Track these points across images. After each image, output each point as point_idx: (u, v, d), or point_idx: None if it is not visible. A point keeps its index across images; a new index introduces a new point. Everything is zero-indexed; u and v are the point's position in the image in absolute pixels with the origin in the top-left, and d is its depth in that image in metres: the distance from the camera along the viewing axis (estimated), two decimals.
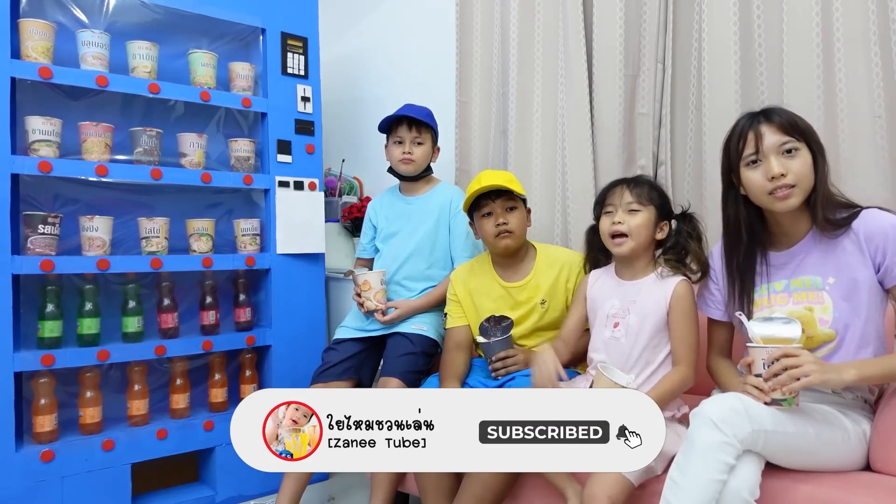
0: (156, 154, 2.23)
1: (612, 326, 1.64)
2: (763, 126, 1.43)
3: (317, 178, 2.53)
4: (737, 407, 1.28)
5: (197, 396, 2.37)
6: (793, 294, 1.49)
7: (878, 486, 1.32)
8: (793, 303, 1.48)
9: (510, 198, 1.94)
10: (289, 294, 2.47)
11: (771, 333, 1.36)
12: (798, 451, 1.34)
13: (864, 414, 1.45)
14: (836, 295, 1.44)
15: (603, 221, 1.68)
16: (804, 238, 1.49)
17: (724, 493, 1.25)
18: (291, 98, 2.47)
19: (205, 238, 2.34)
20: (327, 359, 2.19)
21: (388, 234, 2.31)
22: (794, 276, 1.49)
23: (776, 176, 1.40)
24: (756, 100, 2.02)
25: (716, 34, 2.06)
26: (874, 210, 1.44)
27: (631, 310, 1.63)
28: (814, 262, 1.47)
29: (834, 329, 1.43)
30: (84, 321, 2.10)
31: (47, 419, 2.03)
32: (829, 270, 1.45)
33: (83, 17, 2.18)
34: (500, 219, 1.92)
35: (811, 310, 1.45)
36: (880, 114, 1.80)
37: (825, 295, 1.45)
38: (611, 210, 1.66)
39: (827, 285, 1.45)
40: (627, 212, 1.63)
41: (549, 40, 2.42)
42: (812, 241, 1.48)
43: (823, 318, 1.44)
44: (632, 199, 1.63)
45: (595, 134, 2.30)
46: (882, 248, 1.39)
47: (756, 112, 1.48)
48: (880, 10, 1.81)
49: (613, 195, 1.67)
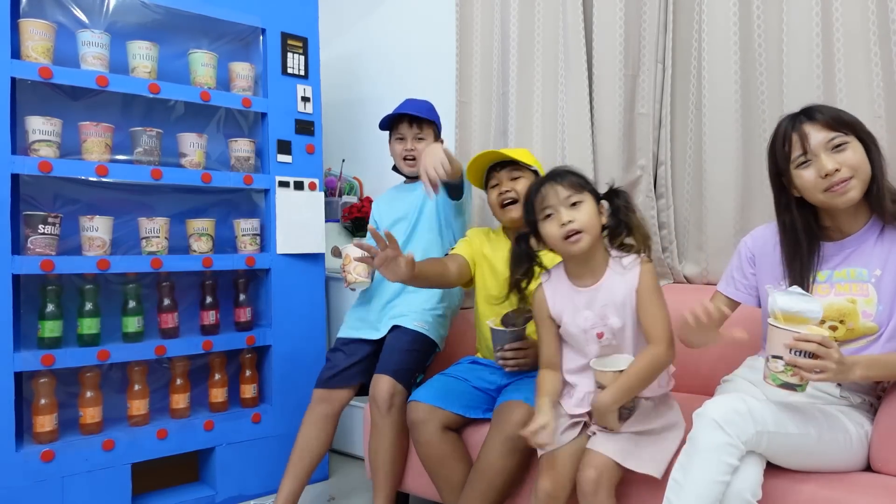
0: (156, 154, 2.23)
1: (598, 338, 1.55)
2: (806, 125, 1.40)
3: (317, 178, 2.53)
4: (740, 408, 1.28)
5: (197, 396, 2.38)
6: (835, 285, 1.45)
7: (878, 486, 1.32)
8: (834, 294, 1.44)
9: (516, 167, 1.92)
10: (289, 294, 2.47)
11: (796, 310, 1.30)
12: (800, 452, 1.34)
13: (867, 416, 1.44)
14: (881, 287, 1.41)
15: (548, 227, 1.52)
16: (859, 231, 1.45)
17: (727, 495, 1.25)
18: (291, 98, 2.47)
19: (205, 238, 2.34)
20: (335, 361, 2.16)
21: (393, 220, 2.29)
22: (838, 267, 1.46)
23: (830, 172, 1.37)
24: (756, 100, 2.02)
25: (716, 34, 2.06)
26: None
27: (607, 313, 1.53)
28: (862, 254, 1.44)
29: (877, 322, 1.40)
30: (84, 321, 2.10)
31: (47, 419, 2.03)
32: (876, 262, 1.42)
33: (83, 17, 2.18)
34: (504, 187, 1.91)
35: (854, 302, 1.42)
36: (880, 114, 1.80)
37: (870, 287, 1.41)
38: (551, 212, 1.52)
39: (873, 277, 1.42)
40: (569, 206, 1.51)
41: (549, 40, 2.42)
42: (866, 234, 1.45)
43: (867, 310, 1.41)
44: (568, 192, 1.51)
45: (595, 134, 2.30)
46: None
47: (796, 112, 1.44)
48: (880, 10, 1.81)
49: (546, 197, 1.53)
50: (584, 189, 1.53)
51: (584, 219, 1.50)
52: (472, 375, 1.96)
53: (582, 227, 1.49)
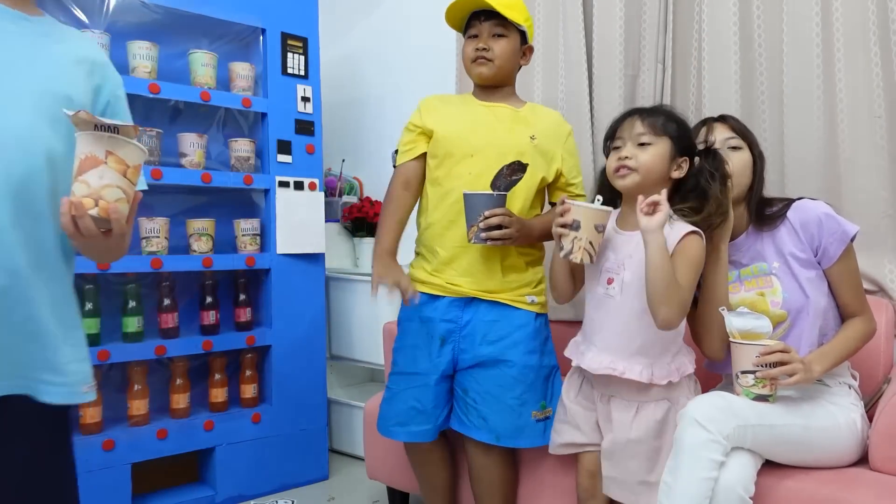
0: (156, 154, 2.23)
1: (606, 283, 1.49)
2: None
3: (317, 178, 2.53)
4: (719, 404, 1.33)
5: (197, 396, 2.37)
6: (744, 282, 1.59)
7: (878, 486, 1.33)
8: (744, 290, 1.58)
9: (501, 23, 1.72)
10: (289, 294, 2.47)
11: (749, 328, 1.40)
12: (787, 444, 1.37)
13: (851, 402, 1.47)
14: (782, 277, 1.54)
15: (610, 158, 1.49)
16: (745, 231, 1.60)
17: (716, 490, 1.28)
18: (291, 98, 2.47)
19: (205, 238, 2.34)
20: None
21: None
22: (742, 266, 1.60)
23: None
24: (756, 100, 2.02)
25: (716, 34, 2.06)
26: (805, 200, 1.56)
27: (626, 265, 1.46)
28: (758, 251, 1.58)
29: (785, 309, 1.53)
30: (84, 321, 2.09)
31: None
32: (772, 256, 1.56)
33: (83, 17, 2.18)
34: (481, 43, 1.71)
35: (763, 294, 1.55)
36: (880, 114, 1.81)
37: (773, 279, 1.55)
38: (619, 144, 1.48)
39: (773, 269, 1.55)
40: (637, 145, 1.44)
41: (549, 40, 2.42)
42: (752, 235, 1.59)
43: (774, 300, 1.54)
44: (643, 129, 1.44)
45: (595, 134, 2.30)
46: (817, 234, 1.50)
47: None
48: (880, 10, 1.81)
49: (623, 127, 1.48)
50: (664, 134, 1.45)
51: (644, 159, 1.43)
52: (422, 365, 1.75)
53: (637, 166, 1.43)
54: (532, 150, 1.72)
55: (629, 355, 1.46)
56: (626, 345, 1.47)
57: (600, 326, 1.52)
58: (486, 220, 1.58)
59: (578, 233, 1.41)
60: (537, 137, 1.73)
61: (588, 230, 1.41)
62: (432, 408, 1.73)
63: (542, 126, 1.77)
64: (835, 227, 1.48)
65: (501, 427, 1.66)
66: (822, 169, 1.88)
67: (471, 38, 1.76)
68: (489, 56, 1.71)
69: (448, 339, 1.72)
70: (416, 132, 1.80)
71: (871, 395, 1.60)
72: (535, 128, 1.75)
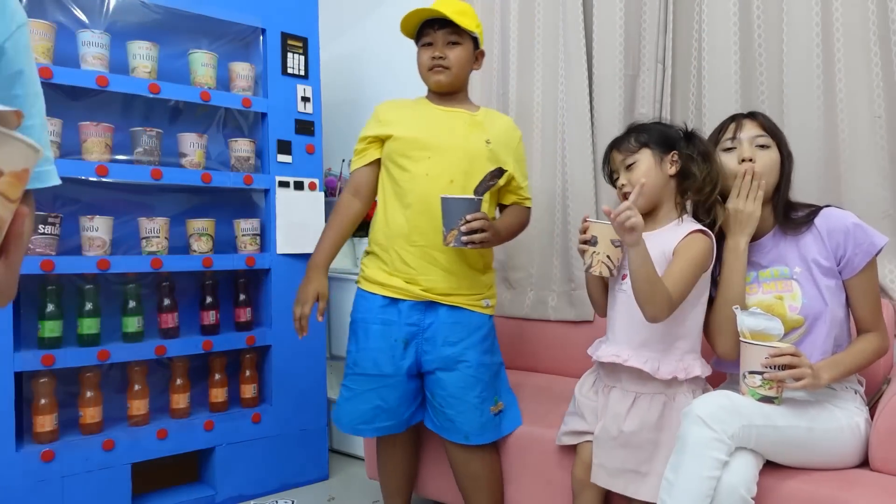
0: (156, 154, 2.23)
1: (621, 279, 1.56)
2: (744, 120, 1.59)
3: (317, 178, 2.53)
4: (724, 404, 1.32)
5: (197, 396, 2.38)
6: (762, 284, 1.56)
7: (878, 486, 1.33)
8: (762, 292, 1.56)
9: (455, 31, 1.76)
10: (289, 294, 2.45)
11: (761, 328, 1.39)
12: (791, 445, 1.37)
13: (856, 406, 1.47)
14: (803, 283, 1.52)
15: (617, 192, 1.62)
16: (769, 233, 1.58)
17: (718, 490, 1.27)
18: (291, 98, 2.47)
19: (205, 238, 2.34)
20: None
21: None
22: (762, 267, 1.57)
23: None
24: (756, 100, 2.02)
25: (716, 34, 2.06)
26: (833, 208, 1.54)
27: None
28: (781, 254, 1.56)
29: (803, 315, 1.50)
30: (84, 321, 2.10)
31: (47, 419, 2.03)
32: (795, 261, 1.53)
33: (83, 17, 2.18)
34: (437, 51, 1.76)
35: (781, 298, 1.53)
36: (880, 114, 1.81)
37: (794, 283, 1.53)
38: (616, 176, 1.61)
39: (794, 274, 1.53)
40: (626, 169, 1.57)
41: (549, 40, 2.42)
42: (776, 236, 1.57)
43: (793, 305, 1.52)
44: (622, 155, 1.58)
45: (595, 134, 2.30)
46: (843, 243, 1.48)
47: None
48: (880, 10, 1.81)
49: (611, 162, 1.62)
50: (641, 147, 1.56)
51: (636, 178, 1.53)
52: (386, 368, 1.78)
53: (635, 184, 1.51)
54: (487, 154, 1.78)
55: (635, 347, 1.53)
56: (632, 337, 1.54)
57: (614, 320, 1.61)
58: (468, 223, 1.62)
59: (596, 248, 1.52)
60: (492, 142, 1.80)
61: (605, 245, 1.52)
62: (397, 406, 1.79)
63: (496, 132, 1.83)
64: (863, 237, 1.47)
65: (468, 427, 1.75)
66: (822, 169, 1.88)
67: (425, 45, 1.81)
68: (446, 64, 1.77)
69: (411, 342, 1.78)
70: (368, 140, 1.85)
71: (871, 395, 1.60)
72: (489, 132, 1.82)
